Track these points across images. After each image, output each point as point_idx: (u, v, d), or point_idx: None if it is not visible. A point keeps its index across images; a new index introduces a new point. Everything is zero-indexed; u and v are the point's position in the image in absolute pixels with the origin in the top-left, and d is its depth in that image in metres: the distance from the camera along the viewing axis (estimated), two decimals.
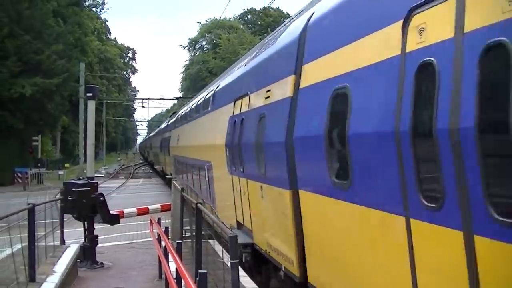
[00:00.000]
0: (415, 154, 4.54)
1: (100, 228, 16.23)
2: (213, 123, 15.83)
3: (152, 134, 77.01)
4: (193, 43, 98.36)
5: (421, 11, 4.67)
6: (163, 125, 51.31)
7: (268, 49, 10.70)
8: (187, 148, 22.80)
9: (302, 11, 9.94)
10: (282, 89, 8.52)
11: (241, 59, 16.73)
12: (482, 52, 3.76)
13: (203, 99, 19.93)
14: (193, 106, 23.74)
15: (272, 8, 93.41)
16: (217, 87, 16.97)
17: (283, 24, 12.16)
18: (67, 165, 64.70)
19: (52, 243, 13.26)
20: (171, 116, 48.51)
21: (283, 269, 8.58)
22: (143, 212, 19.25)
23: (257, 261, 10.79)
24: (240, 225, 11.84)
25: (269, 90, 9.38)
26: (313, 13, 8.10)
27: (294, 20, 9.99)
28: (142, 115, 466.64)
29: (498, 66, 3.73)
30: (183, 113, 28.64)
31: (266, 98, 9.53)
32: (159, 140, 46.49)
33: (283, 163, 8.05)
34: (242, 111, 11.50)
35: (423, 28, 4.62)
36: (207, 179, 16.41)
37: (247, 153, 10.56)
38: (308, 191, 7.39)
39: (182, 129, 26.87)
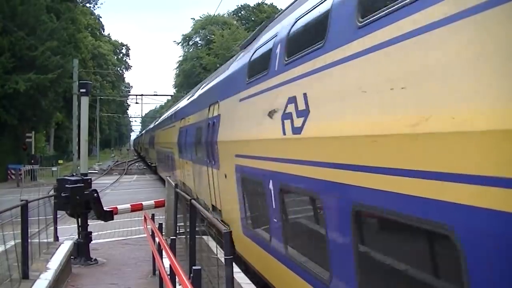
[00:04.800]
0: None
1: (94, 224, 16.23)
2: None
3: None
4: (187, 39, 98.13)
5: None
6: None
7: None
8: None
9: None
10: None
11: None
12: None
13: None
14: None
15: (266, 4, 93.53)
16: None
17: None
18: (60, 161, 64.53)
19: (45, 240, 13.24)
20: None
21: None
22: (137, 208, 19.27)
23: None
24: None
25: None
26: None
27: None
28: (136, 111, 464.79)
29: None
30: None
31: None
32: None
33: None
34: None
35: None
36: None
37: None
38: None
39: None
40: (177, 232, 14.16)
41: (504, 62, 3.28)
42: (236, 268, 9.28)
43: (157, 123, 49.72)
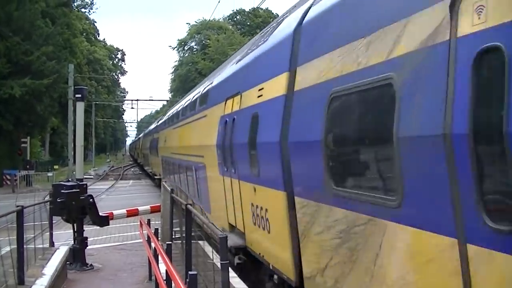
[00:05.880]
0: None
1: (89, 230, 16.20)
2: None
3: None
4: (182, 44, 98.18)
5: None
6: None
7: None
8: None
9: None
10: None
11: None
12: None
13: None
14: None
15: (261, 8, 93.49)
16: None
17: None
18: (56, 166, 64.33)
19: (41, 246, 13.21)
20: None
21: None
22: (132, 213, 19.22)
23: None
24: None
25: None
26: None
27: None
28: (131, 116, 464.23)
29: None
30: None
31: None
32: None
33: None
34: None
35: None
36: None
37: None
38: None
39: None
40: (173, 237, 14.14)
41: None
42: (232, 273, 9.27)
43: (162, 121, 39.97)
